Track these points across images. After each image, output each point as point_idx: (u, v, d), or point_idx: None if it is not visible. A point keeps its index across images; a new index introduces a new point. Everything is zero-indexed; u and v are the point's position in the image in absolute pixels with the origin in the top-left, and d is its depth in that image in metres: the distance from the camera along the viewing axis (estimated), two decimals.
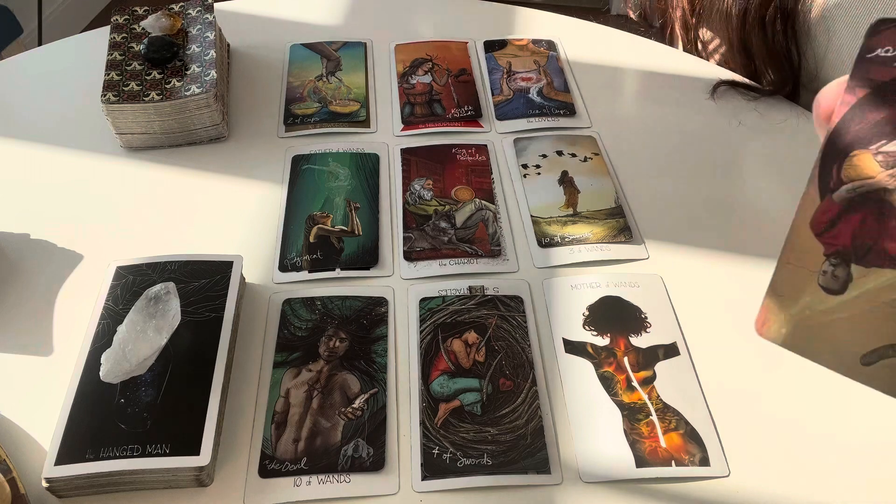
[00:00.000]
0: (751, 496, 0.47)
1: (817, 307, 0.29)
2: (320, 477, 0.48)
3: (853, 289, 0.28)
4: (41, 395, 0.52)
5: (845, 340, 0.28)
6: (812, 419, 0.51)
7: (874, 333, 0.27)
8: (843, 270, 0.28)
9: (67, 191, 0.67)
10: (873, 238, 0.28)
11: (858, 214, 0.28)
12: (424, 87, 0.78)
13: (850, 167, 0.28)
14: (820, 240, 0.29)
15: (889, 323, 0.27)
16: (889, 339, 0.27)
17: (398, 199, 0.66)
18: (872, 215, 0.28)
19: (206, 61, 0.71)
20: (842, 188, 0.29)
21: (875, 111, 0.28)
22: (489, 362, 0.54)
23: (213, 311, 0.54)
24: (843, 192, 0.29)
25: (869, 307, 0.28)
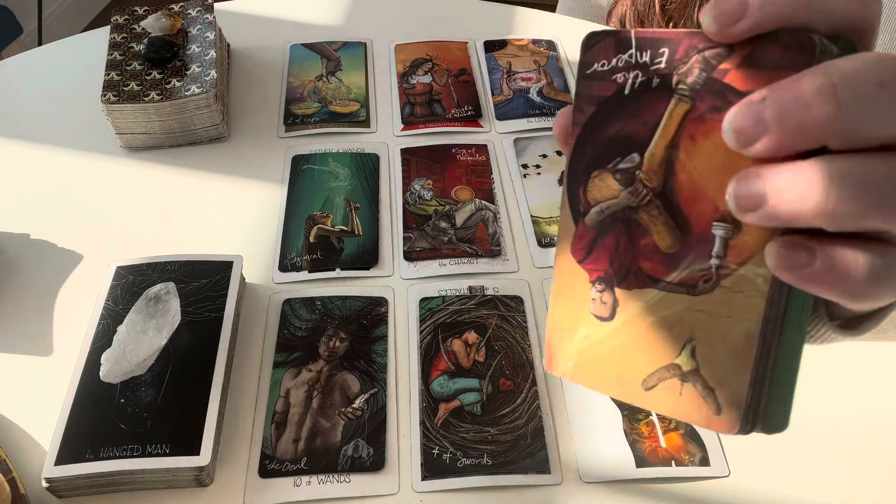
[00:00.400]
0: (751, 496, 0.47)
1: (594, 336, 0.28)
2: (320, 477, 0.48)
3: (621, 313, 0.27)
4: (41, 395, 0.52)
5: (625, 367, 0.27)
6: (812, 419, 0.51)
7: (649, 356, 0.26)
8: (609, 296, 0.27)
9: (67, 191, 0.67)
10: (630, 259, 0.27)
11: (611, 236, 0.27)
12: (424, 87, 0.78)
13: (594, 188, 0.27)
14: (582, 267, 0.28)
15: (660, 343, 0.26)
16: (663, 359, 0.26)
17: (398, 199, 0.66)
18: (624, 236, 0.27)
19: (206, 61, 0.71)
20: (591, 211, 0.28)
21: (604, 128, 0.27)
22: (489, 362, 0.54)
23: (213, 311, 0.54)
24: (594, 214, 0.28)
25: (639, 330, 0.27)
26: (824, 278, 0.22)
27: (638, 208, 0.26)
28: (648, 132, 0.26)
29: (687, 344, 0.25)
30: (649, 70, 0.26)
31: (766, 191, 0.21)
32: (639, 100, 0.26)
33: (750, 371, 0.24)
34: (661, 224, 0.26)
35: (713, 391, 0.25)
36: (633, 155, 0.26)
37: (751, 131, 0.22)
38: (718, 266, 0.24)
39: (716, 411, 0.25)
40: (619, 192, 0.27)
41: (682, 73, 0.25)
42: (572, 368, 0.29)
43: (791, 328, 0.24)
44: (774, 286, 0.23)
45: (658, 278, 0.26)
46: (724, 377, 0.24)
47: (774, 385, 0.24)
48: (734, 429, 0.24)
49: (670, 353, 0.26)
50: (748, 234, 0.23)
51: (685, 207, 0.25)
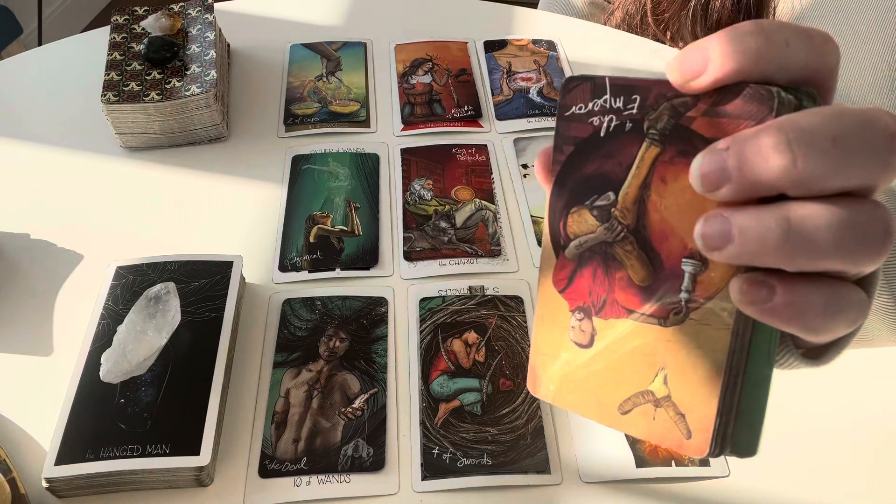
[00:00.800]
0: (751, 496, 0.47)
1: (574, 362, 0.29)
2: (320, 477, 0.48)
3: (599, 341, 0.29)
4: (41, 395, 0.52)
5: (603, 392, 0.29)
6: (812, 419, 0.51)
7: (625, 382, 0.28)
8: (587, 324, 0.29)
9: (67, 191, 0.67)
10: (606, 290, 0.28)
11: (589, 268, 0.29)
12: (424, 87, 0.78)
13: (573, 223, 0.29)
14: (563, 296, 0.30)
15: (634, 371, 0.28)
16: (638, 386, 0.28)
17: (398, 199, 0.66)
18: (601, 268, 0.29)
19: (206, 61, 0.71)
20: (571, 244, 0.29)
21: (582, 167, 0.29)
22: (489, 362, 0.54)
23: (213, 311, 0.54)
24: (573, 248, 0.29)
25: (616, 357, 0.28)
26: (783, 313, 0.23)
27: (613, 243, 0.28)
28: (622, 172, 0.28)
29: (660, 371, 0.27)
30: (622, 115, 0.27)
31: (731, 231, 0.23)
32: (613, 142, 0.28)
33: (717, 399, 0.25)
34: (634, 259, 0.27)
35: (684, 417, 0.26)
36: (609, 193, 0.28)
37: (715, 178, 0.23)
38: (687, 300, 0.26)
39: (686, 436, 0.26)
40: (596, 228, 0.28)
41: (653, 119, 0.27)
42: (554, 392, 0.30)
43: (757, 359, 0.25)
44: (739, 320, 0.25)
45: (632, 309, 0.28)
46: (693, 404, 0.26)
47: (742, 412, 0.26)
48: (703, 452, 0.26)
49: (644, 379, 0.27)
50: (714, 270, 0.25)
51: (657, 244, 0.27)
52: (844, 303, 0.24)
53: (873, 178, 0.23)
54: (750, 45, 0.24)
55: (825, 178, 0.22)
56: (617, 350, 0.28)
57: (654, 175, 0.27)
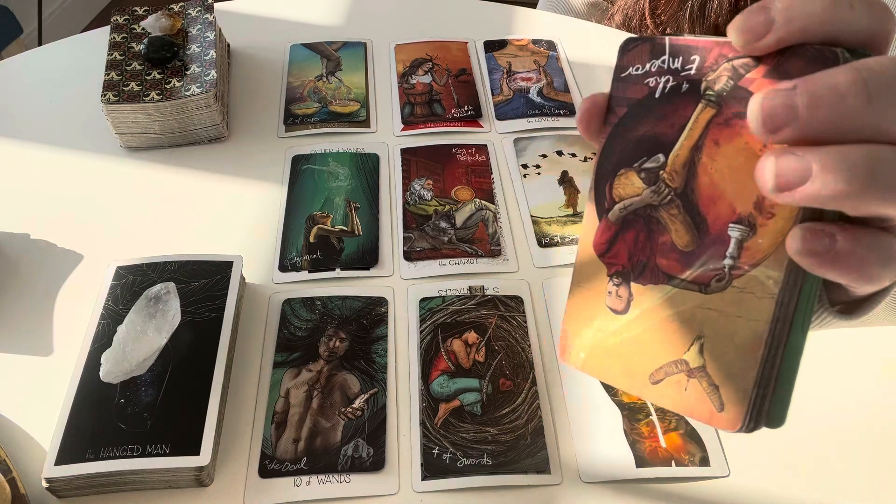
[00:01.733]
0: (751, 496, 0.47)
1: (607, 328, 0.29)
2: (320, 477, 0.48)
3: (635, 307, 0.28)
4: (41, 395, 0.52)
5: (634, 360, 0.28)
6: (812, 419, 0.51)
7: (658, 351, 0.27)
8: (625, 290, 0.29)
9: (67, 191, 0.67)
10: (647, 255, 0.28)
11: (632, 232, 0.29)
12: (424, 87, 0.78)
13: (620, 186, 0.29)
14: (602, 260, 0.29)
15: (669, 339, 0.27)
16: (671, 355, 0.27)
17: (398, 199, 0.66)
18: (644, 233, 0.28)
19: (206, 61, 0.71)
20: (615, 207, 0.29)
21: (634, 129, 0.28)
22: (489, 362, 0.54)
23: (213, 311, 0.54)
24: (617, 211, 0.29)
25: (651, 325, 0.28)
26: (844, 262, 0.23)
27: (659, 207, 0.28)
28: (675, 134, 0.27)
29: (696, 341, 0.26)
30: (680, 76, 0.27)
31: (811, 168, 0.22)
32: (668, 103, 0.27)
33: (756, 370, 0.25)
34: (679, 223, 0.27)
35: (717, 388, 0.26)
36: (659, 155, 0.27)
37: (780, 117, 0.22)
38: (732, 266, 0.25)
39: (718, 408, 0.26)
40: (643, 191, 0.28)
41: (711, 80, 0.26)
42: (583, 359, 0.30)
43: (796, 329, 0.25)
44: (785, 288, 0.24)
45: (673, 275, 0.27)
46: (730, 374, 0.25)
47: (779, 384, 0.25)
48: (736, 426, 0.25)
49: (679, 348, 0.27)
50: (763, 237, 0.25)
51: (704, 208, 0.26)
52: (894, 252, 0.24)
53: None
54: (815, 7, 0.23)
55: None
56: (653, 317, 0.28)
57: (707, 137, 0.26)
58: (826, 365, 0.54)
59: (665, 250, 0.27)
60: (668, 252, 0.27)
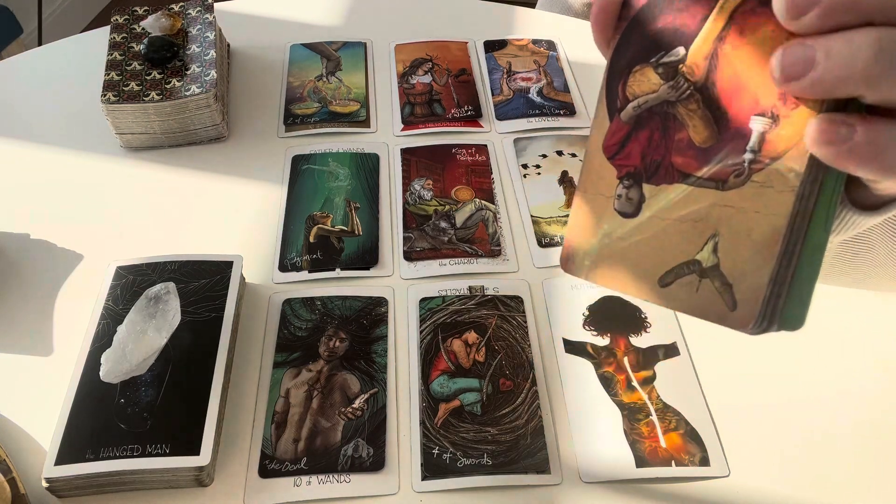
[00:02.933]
0: (751, 496, 0.47)
1: (615, 233, 0.28)
2: (320, 477, 0.48)
3: (646, 209, 0.28)
4: (41, 395, 0.52)
5: (644, 264, 0.27)
6: (812, 419, 0.51)
7: (669, 252, 0.27)
8: (636, 192, 0.28)
9: (67, 191, 0.67)
10: (661, 154, 0.27)
11: (646, 131, 0.28)
12: (424, 87, 0.78)
13: (634, 83, 0.28)
14: (612, 163, 0.29)
15: (682, 239, 0.27)
16: (683, 256, 0.26)
17: (398, 199, 0.66)
18: (658, 131, 0.27)
19: (206, 61, 0.71)
20: (628, 106, 0.28)
21: (653, 22, 0.27)
22: (489, 362, 0.54)
23: (213, 311, 0.54)
24: (630, 109, 0.28)
25: (662, 226, 0.27)
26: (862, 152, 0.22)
27: (677, 102, 0.27)
28: (697, 25, 0.26)
29: (710, 239, 0.26)
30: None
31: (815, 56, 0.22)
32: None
33: (772, 266, 0.24)
34: (698, 118, 0.26)
35: (731, 287, 0.25)
36: (679, 49, 0.26)
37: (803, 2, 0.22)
38: (752, 160, 0.25)
39: (732, 307, 0.25)
40: (660, 87, 0.27)
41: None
42: (589, 266, 0.29)
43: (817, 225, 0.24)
44: (806, 181, 0.24)
45: (689, 173, 0.26)
46: (744, 272, 0.25)
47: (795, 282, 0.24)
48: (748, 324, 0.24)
49: (692, 248, 0.26)
50: (785, 127, 0.24)
51: (725, 101, 0.25)
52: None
53: None
54: None
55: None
56: (665, 218, 0.27)
57: (732, 26, 0.25)
58: (826, 365, 0.54)
59: (681, 147, 0.27)
60: (684, 149, 0.27)
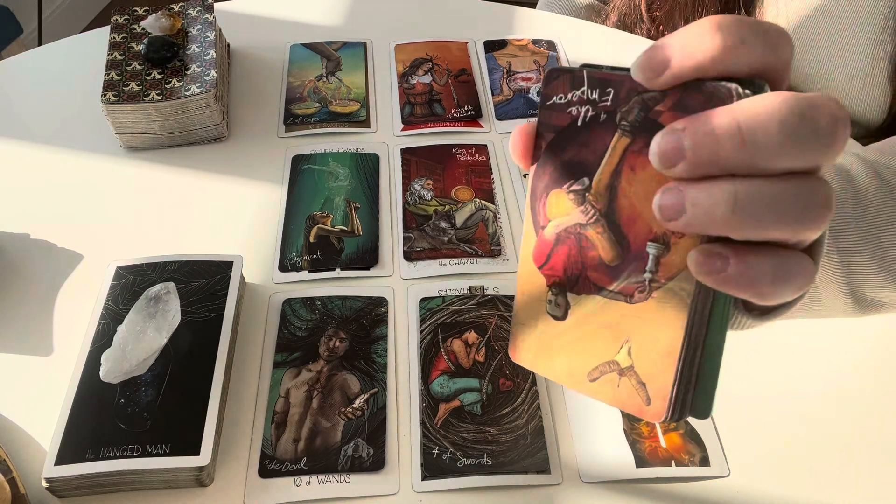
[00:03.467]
0: (751, 496, 0.47)
1: (550, 333, 0.32)
2: (320, 477, 0.48)
3: (572, 314, 0.31)
4: (41, 395, 0.52)
5: (575, 361, 0.31)
6: (812, 419, 0.51)
7: (593, 353, 0.30)
8: (562, 299, 0.31)
9: (67, 191, 0.67)
10: (579, 269, 0.31)
11: (565, 248, 0.31)
12: (424, 87, 0.78)
13: (552, 205, 0.31)
14: (541, 272, 0.32)
15: (602, 342, 0.30)
16: (605, 356, 0.30)
17: (398, 199, 0.66)
18: (575, 248, 0.31)
19: (206, 61, 0.71)
20: (549, 224, 0.31)
21: (561, 154, 0.31)
22: (489, 362, 0.54)
23: (213, 311, 0.54)
24: (551, 227, 0.31)
25: (586, 330, 0.31)
26: (736, 281, 0.26)
27: (587, 225, 0.30)
28: (596, 160, 0.29)
29: (624, 344, 0.29)
30: (598, 106, 0.29)
31: (684, 203, 0.25)
32: (589, 131, 0.30)
33: (675, 370, 0.28)
34: (605, 241, 0.30)
35: (644, 385, 0.29)
36: (584, 179, 0.30)
37: (671, 155, 0.25)
38: (651, 280, 0.28)
39: (646, 402, 0.29)
40: (573, 210, 0.31)
41: (625, 112, 0.28)
42: (532, 359, 0.33)
43: (714, 331, 0.28)
44: (697, 299, 0.27)
45: (602, 286, 0.30)
46: (653, 374, 0.29)
47: (700, 380, 0.28)
48: (661, 418, 0.28)
49: (611, 351, 0.30)
50: (675, 253, 0.27)
51: (625, 228, 0.29)
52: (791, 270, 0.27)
53: (816, 160, 0.25)
54: (706, 45, 0.25)
55: (771, 158, 0.24)
56: (587, 323, 0.31)
57: (624, 164, 0.29)
58: (826, 365, 0.54)
59: (594, 265, 0.30)
60: (597, 266, 0.30)
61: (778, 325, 0.55)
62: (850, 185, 0.38)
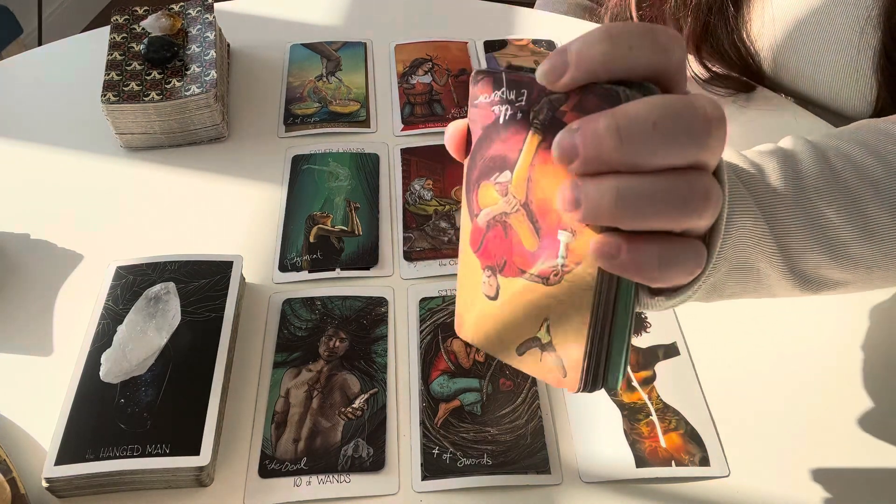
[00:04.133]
0: (751, 496, 0.47)
1: (485, 310, 0.35)
2: (320, 477, 0.48)
3: (502, 294, 0.34)
4: (41, 395, 0.52)
5: (505, 336, 0.34)
6: (812, 419, 0.51)
7: (520, 329, 0.34)
8: (494, 280, 0.34)
9: (67, 191, 0.67)
10: (505, 253, 0.33)
11: (494, 234, 0.34)
12: (424, 87, 0.78)
13: (482, 195, 0.34)
14: (477, 256, 0.35)
15: (527, 320, 0.33)
16: (529, 333, 0.33)
17: (398, 199, 0.66)
18: (502, 235, 0.33)
19: (206, 61, 0.71)
20: (481, 213, 0.34)
21: (487, 149, 0.33)
22: (489, 362, 0.54)
23: (213, 311, 0.54)
24: (483, 216, 0.34)
25: (514, 308, 0.34)
26: (628, 266, 0.29)
27: (510, 214, 0.33)
28: (515, 155, 0.32)
29: (544, 322, 0.32)
30: (515, 106, 0.32)
31: (579, 196, 0.28)
32: (509, 128, 0.32)
33: (584, 346, 0.31)
34: (525, 228, 0.32)
35: (562, 359, 0.32)
36: (507, 171, 0.32)
37: (567, 153, 0.28)
38: (562, 264, 0.31)
39: (563, 375, 0.32)
40: (498, 200, 0.33)
41: (536, 111, 0.31)
42: (471, 334, 0.36)
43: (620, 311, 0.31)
44: (601, 281, 0.30)
45: (524, 270, 0.33)
46: (568, 349, 0.32)
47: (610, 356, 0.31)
48: (575, 388, 0.32)
49: (533, 328, 0.33)
50: (581, 241, 0.30)
51: (540, 217, 0.32)
52: (679, 256, 0.30)
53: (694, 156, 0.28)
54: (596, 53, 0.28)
55: (648, 156, 0.27)
56: (514, 303, 0.34)
57: (537, 159, 0.31)
58: (826, 366, 0.54)
59: (518, 250, 0.33)
60: (520, 252, 0.33)
61: (779, 325, 0.55)
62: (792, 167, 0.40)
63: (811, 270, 0.39)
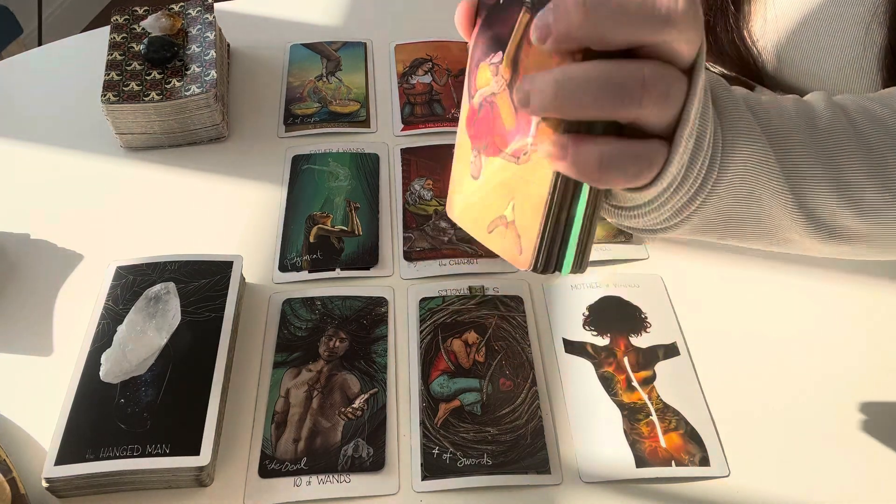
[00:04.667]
0: (751, 496, 0.47)
1: (469, 191, 0.36)
2: (320, 477, 0.48)
3: (483, 174, 0.35)
4: (41, 395, 0.52)
5: (481, 215, 0.36)
6: (812, 419, 0.51)
7: (491, 208, 0.35)
8: (478, 160, 0.35)
9: (67, 191, 0.67)
10: (490, 133, 0.34)
11: (484, 115, 0.35)
12: (424, 87, 0.78)
13: (479, 77, 0.35)
14: (468, 136, 0.36)
15: (497, 199, 0.34)
16: (498, 211, 0.34)
17: (398, 199, 0.66)
18: (489, 114, 0.34)
19: (206, 61, 0.71)
20: (476, 93, 0.35)
21: (488, 30, 0.34)
22: (489, 362, 0.54)
23: (213, 311, 0.54)
24: (477, 96, 0.35)
25: (489, 187, 0.35)
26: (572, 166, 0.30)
27: (497, 94, 0.34)
28: (509, 35, 0.33)
29: (511, 201, 0.34)
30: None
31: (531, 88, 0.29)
32: (507, 9, 0.33)
33: (540, 224, 0.32)
34: (507, 108, 0.33)
35: (520, 237, 0.33)
36: (500, 52, 0.33)
37: (542, 31, 0.29)
38: (531, 143, 0.32)
39: (519, 252, 0.33)
40: (490, 81, 0.34)
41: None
42: (457, 214, 0.38)
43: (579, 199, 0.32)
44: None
45: (502, 149, 0.34)
46: (526, 228, 0.33)
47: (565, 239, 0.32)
48: (527, 266, 0.33)
49: (502, 206, 0.34)
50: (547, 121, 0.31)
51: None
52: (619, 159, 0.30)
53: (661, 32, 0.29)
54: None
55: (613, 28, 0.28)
56: (490, 182, 0.35)
57: (525, 37, 0.32)
58: (826, 366, 0.54)
59: (500, 130, 0.34)
60: (501, 131, 0.34)
61: (779, 325, 0.55)
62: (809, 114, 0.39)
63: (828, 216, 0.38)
